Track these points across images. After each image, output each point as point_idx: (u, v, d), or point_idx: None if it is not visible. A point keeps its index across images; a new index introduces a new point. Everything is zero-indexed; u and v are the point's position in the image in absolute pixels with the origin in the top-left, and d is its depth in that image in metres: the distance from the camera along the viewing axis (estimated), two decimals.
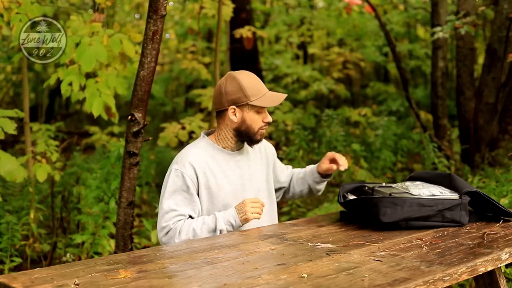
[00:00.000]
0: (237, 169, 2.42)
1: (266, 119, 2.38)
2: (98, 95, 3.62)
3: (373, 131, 8.77)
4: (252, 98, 2.33)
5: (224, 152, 2.42)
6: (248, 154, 2.49)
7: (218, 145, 2.42)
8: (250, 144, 2.43)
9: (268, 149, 2.60)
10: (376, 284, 1.57)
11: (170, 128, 6.95)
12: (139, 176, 6.03)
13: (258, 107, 2.34)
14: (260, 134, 2.39)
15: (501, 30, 6.04)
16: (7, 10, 3.35)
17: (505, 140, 5.99)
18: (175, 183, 2.31)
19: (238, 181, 2.40)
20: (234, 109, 2.35)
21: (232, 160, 2.42)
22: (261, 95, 2.34)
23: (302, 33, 11.69)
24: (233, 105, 2.34)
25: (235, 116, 2.35)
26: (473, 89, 6.57)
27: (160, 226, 2.30)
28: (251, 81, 2.36)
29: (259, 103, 2.32)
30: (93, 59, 3.46)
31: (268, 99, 2.34)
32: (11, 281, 1.60)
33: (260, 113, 2.36)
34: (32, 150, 4.50)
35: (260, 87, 2.37)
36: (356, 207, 2.38)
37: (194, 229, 2.25)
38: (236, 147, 2.43)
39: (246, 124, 2.36)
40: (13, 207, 4.39)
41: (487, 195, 2.35)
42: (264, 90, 2.37)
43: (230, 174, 2.39)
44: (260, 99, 2.33)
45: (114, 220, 3.79)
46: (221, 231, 2.26)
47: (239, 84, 2.33)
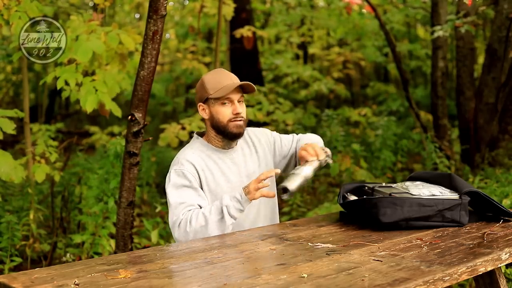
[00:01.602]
0: (234, 166, 2.41)
1: (235, 111, 2.34)
2: (93, 92, 3.62)
3: (373, 131, 8.77)
4: (211, 91, 2.33)
5: (219, 151, 2.41)
6: (243, 150, 2.47)
7: (210, 144, 2.43)
8: (230, 139, 2.40)
9: (260, 136, 2.55)
10: (376, 284, 1.57)
11: (170, 128, 6.95)
12: (140, 177, 6.03)
13: (220, 99, 2.33)
14: (233, 126, 2.35)
15: (501, 30, 6.05)
16: (7, 9, 3.36)
17: (505, 140, 5.99)
18: (176, 182, 2.30)
19: (236, 178, 2.40)
20: (202, 106, 2.39)
21: (227, 158, 2.41)
22: (220, 88, 2.32)
23: (303, 33, 11.69)
24: (200, 102, 2.39)
25: (205, 113, 2.39)
26: (473, 89, 6.57)
27: (172, 221, 2.28)
28: (213, 77, 2.37)
29: (215, 95, 2.32)
30: (90, 51, 3.44)
31: (224, 89, 2.32)
32: (11, 281, 1.60)
33: (225, 104, 2.34)
34: (32, 151, 4.50)
35: (222, 79, 2.34)
36: (356, 207, 2.38)
37: (203, 213, 2.21)
38: (226, 145, 2.42)
39: (215, 118, 2.36)
40: (13, 207, 4.40)
41: (487, 195, 2.35)
42: (225, 81, 2.33)
43: (228, 172, 2.39)
44: (217, 91, 2.32)
45: (114, 220, 3.79)
46: (228, 207, 2.20)
47: (202, 82, 2.38)
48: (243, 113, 2.37)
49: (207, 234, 2.20)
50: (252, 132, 2.56)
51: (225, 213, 2.21)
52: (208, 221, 2.20)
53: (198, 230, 2.20)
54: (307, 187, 6.74)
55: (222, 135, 2.39)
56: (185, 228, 2.22)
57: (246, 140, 2.50)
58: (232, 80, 2.36)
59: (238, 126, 2.36)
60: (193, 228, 2.20)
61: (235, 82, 2.35)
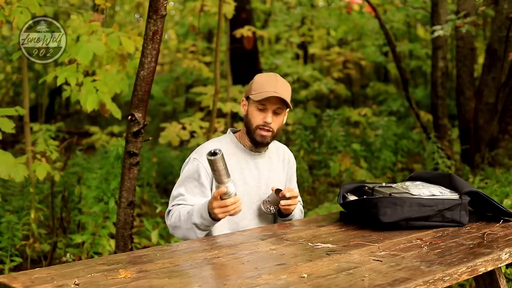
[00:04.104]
0: (256, 170, 2.42)
1: (265, 119, 2.34)
2: (94, 92, 3.62)
3: (373, 131, 8.77)
4: (253, 92, 2.35)
5: (245, 151, 2.43)
6: (271, 159, 2.49)
7: (240, 143, 2.44)
8: (253, 144, 2.40)
9: (291, 160, 2.60)
10: (376, 284, 1.57)
11: (171, 128, 6.96)
12: (140, 177, 6.03)
13: (259, 103, 2.33)
14: (258, 134, 2.35)
15: (501, 30, 6.05)
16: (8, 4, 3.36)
17: (505, 140, 5.99)
18: (188, 171, 2.34)
19: (253, 182, 2.40)
20: (244, 101, 2.42)
21: (252, 161, 2.42)
22: (260, 91, 2.32)
23: (303, 33, 11.69)
24: (244, 98, 2.42)
25: (244, 109, 2.42)
26: (473, 89, 6.57)
27: (167, 210, 2.36)
28: (263, 79, 2.38)
29: (253, 97, 2.34)
30: (90, 52, 3.45)
31: (261, 95, 2.32)
32: (11, 281, 1.60)
33: (261, 110, 2.34)
34: (32, 150, 4.50)
35: (267, 85, 2.33)
36: (356, 207, 2.38)
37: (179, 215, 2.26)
38: (253, 148, 2.42)
39: (248, 118, 2.38)
40: (14, 207, 4.39)
41: (487, 195, 2.35)
42: (268, 88, 2.32)
43: (247, 174, 2.39)
44: (256, 94, 2.33)
45: (114, 220, 3.79)
46: (196, 225, 2.21)
47: (253, 79, 2.41)
48: (273, 124, 2.35)
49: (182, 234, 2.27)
50: (288, 152, 2.60)
51: (195, 229, 2.24)
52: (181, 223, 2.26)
53: (173, 227, 2.30)
54: (307, 187, 6.74)
55: (249, 137, 2.41)
56: (168, 220, 2.32)
57: (279, 154, 2.53)
58: (275, 89, 2.33)
59: (263, 135, 2.36)
60: (170, 223, 2.31)
61: (276, 91, 2.32)
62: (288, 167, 2.56)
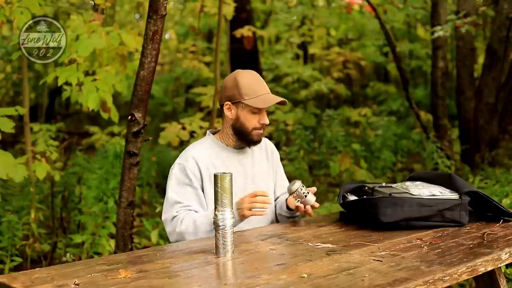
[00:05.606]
0: (241, 167, 2.42)
1: (262, 121, 2.36)
2: (95, 91, 3.62)
3: (373, 131, 8.76)
4: (246, 97, 2.33)
5: (228, 150, 2.42)
6: (253, 153, 2.48)
7: (222, 142, 2.43)
8: (247, 144, 2.42)
9: (274, 150, 2.59)
10: (376, 284, 1.57)
11: (170, 128, 6.96)
12: (140, 177, 6.03)
13: (252, 107, 2.33)
14: (255, 134, 2.37)
15: (501, 30, 6.05)
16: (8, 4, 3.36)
17: (505, 140, 6.00)
18: (177, 177, 2.33)
19: (240, 179, 2.40)
20: (229, 105, 2.37)
21: (235, 158, 2.42)
22: (255, 96, 2.32)
23: (303, 33, 11.69)
24: (228, 101, 2.37)
25: (230, 112, 2.38)
26: (473, 89, 6.57)
27: (164, 217, 2.32)
28: (250, 81, 2.35)
29: (250, 103, 2.32)
30: (90, 46, 3.43)
31: (261, 101, 2.32)
32: (11, 281, 1.60)
33: (255, 113, 2.34)
34: (32, 150, 4.50)
35: (258, 88, 2.34)
36: (356, 207, 2.38)
37: (195, 221, 2.24)
38: (238, 145, 2.43)
39: (240, 122, 2.36)
40: (14, 207, 4.39)
41: (487, 195, 2.35)
42: (261, 91, 2.34)
43: (233, 171, 2.39)
44: (252, 99, 2.32)
45: (114, 220, 3.79)
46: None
47: (236, 81, 2.35)
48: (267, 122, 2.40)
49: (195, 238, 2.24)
50: (269, 143, 2.59)
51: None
52: (197, 231, 2.23)
53: (185, 233, 2.25)
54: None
55: (241, 139, 2.40)
56: (175, 227, 2.27)
57: (261, 146, 2.51)
58: (267, 91, 2.35)
59: (260, 134, 2.39)
60: (182, 230, 2.25)
61: (272, 95, 2.34)
62: (272, 157, 2.56)
